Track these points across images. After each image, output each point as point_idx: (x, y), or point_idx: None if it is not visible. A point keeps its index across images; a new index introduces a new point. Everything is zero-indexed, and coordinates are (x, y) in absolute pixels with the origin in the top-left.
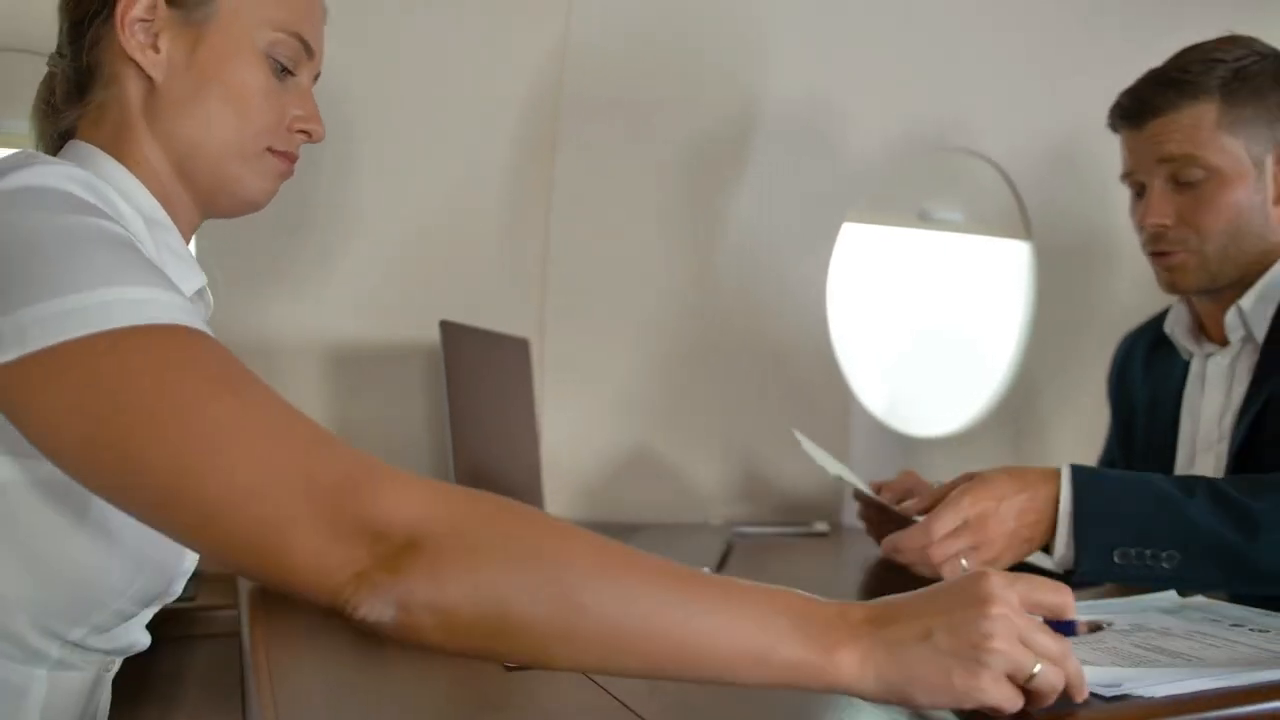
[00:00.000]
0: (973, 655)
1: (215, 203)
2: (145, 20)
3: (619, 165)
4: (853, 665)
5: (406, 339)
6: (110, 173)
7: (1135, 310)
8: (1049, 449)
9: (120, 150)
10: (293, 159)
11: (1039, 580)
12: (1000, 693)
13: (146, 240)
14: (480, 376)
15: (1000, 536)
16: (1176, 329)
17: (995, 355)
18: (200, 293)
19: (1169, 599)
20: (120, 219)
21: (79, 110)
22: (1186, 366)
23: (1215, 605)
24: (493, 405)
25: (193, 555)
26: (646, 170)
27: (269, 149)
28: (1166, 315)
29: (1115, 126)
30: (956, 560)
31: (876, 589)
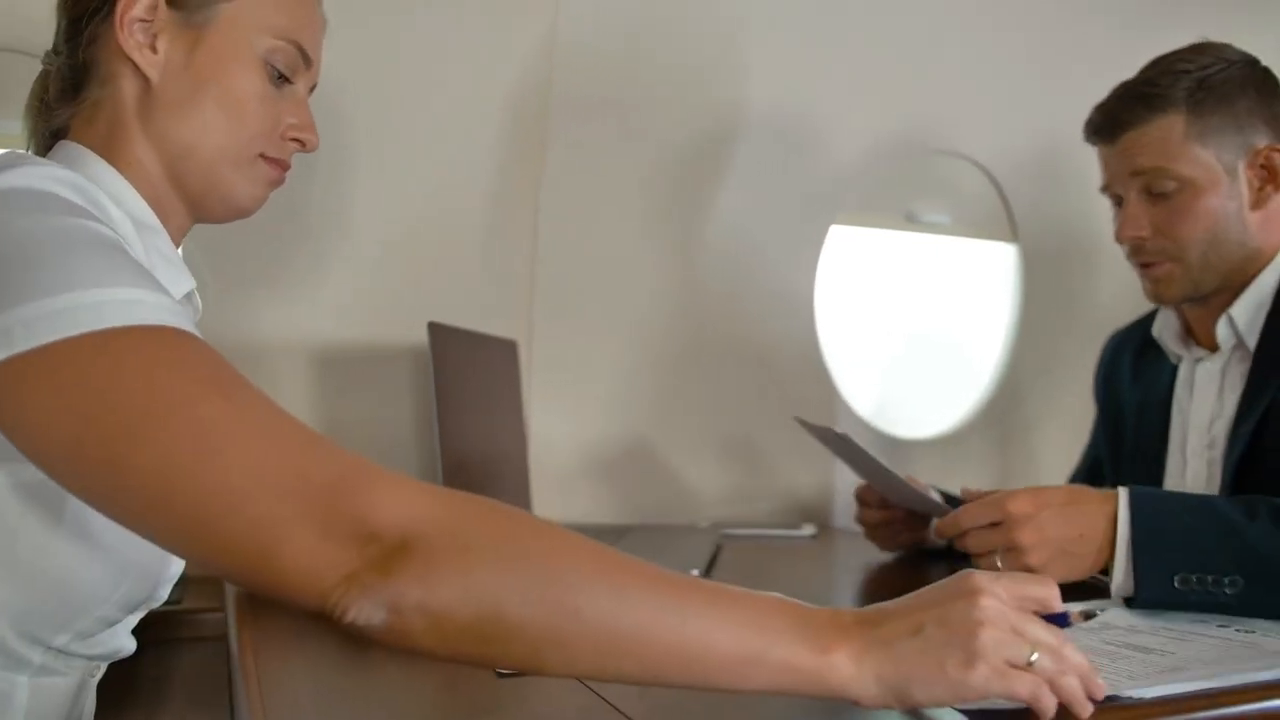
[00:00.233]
0: (965, 644)
1: (205, 207)
2: (145, 20)
3: (607, 166)
4: (848, 666)
5: (394, 341)
6: (99, 174)
7: (1120, 313)
8: (1035, 451)
9: (112, 151)
10: (285, 167)
11: (1022, 575)
12: (1007, 684)
13: (135, 243)
14: (468, 378)
15: (1037, 544)
16: (1165, 333)
17: (982, 357)
18: (189, 296)
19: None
20: (109, 221)
21: (72, 108)
22: (1175, 370)
23: None
24: (481, 407)
25: (179, 560)
26: (634, 171)
27: (261, 155)
28: (1154, 318)
29: (1090, 141)
30: (992, 557)
31: (866, 591)
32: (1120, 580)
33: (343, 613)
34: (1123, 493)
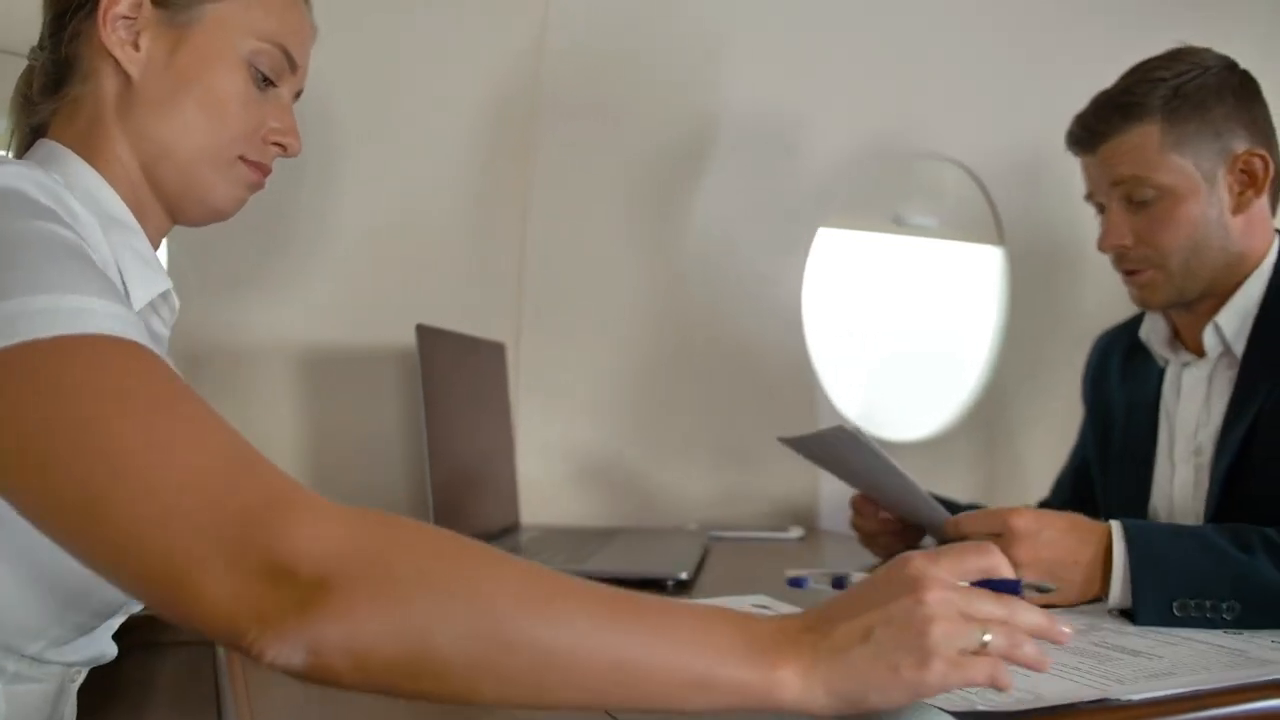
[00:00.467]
0: (916, 645)
1: (183, 208)
2: (129, 18)
3: (595, 169)
4: (796, 682)
5: (382, 343)
6: (75, 172)
7: (1107, 317)
8: (1021, 454)
9: (90, 148)
10: (265, 171)
11: (961, 547)
12: (964, 674)
13: (100, 244)
14: (456, 381)
15: (1032, 562)
16: (1152, 337)
17: (968, 360)
18: (164, 296)
19: None
20: (73, 222)
21: (54, 104)
22: (1163, 373)
23: None
24: (468, 409)
25: None
26: (622, 174)
27: (241, 158)
28: (1142, 320)
29: (1071, 151)
30: None
31: None
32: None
33: (259, 653)
34: (1116, 524)
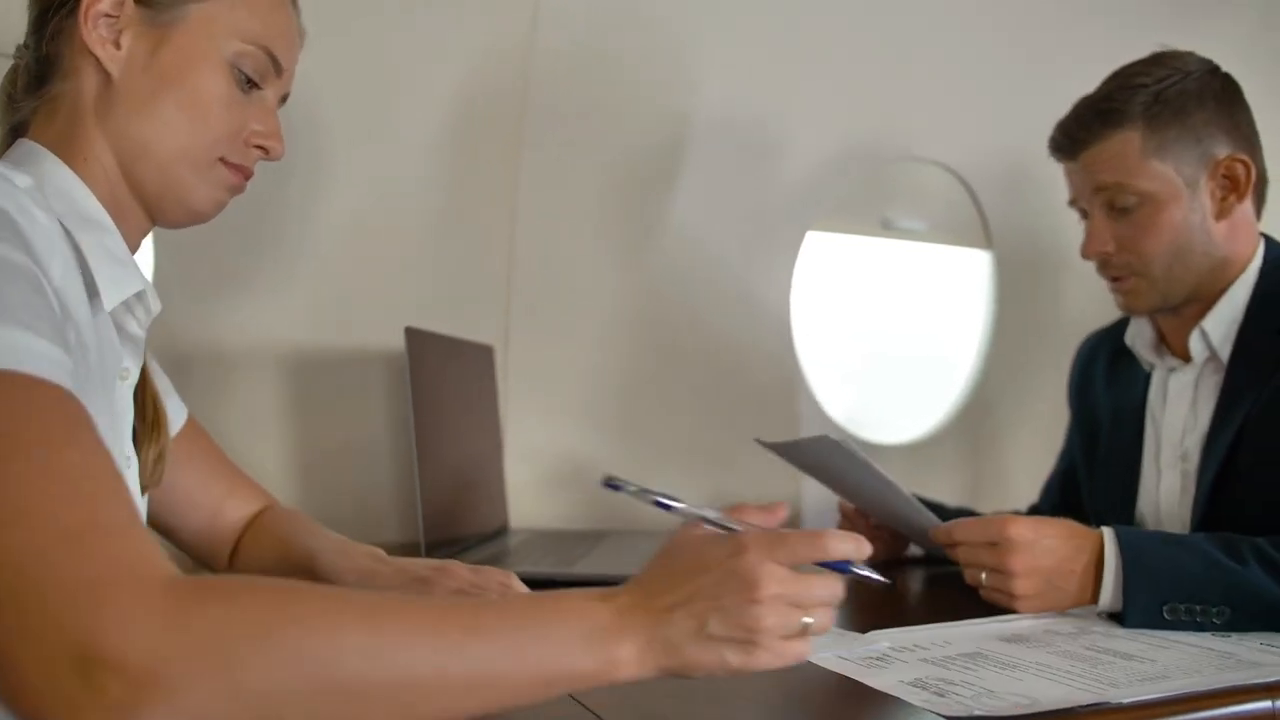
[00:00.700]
0: (747, 639)
1: (162, 209)
2: (111, 16)
3: (583, 172)
4: (633, 664)
5: (370, 345)
6: (49, 171)
7: (1094, 320)
8: (1007, 458)
9: (68, 147)
10: (246, 174)
11: (795, 536)
12: (782, 659)
13: (58, 251)
14: (445, 384)
15: (1028, 571)
16: (1138, 342)
17: (955, 364)
18: (140, 296)
19: None
20: (31, 227)
21: (35, 102)
22: (1148, 378)
23: None
24: (457, 412)
25: None
26: (611, 177)
27: (222, 160)
28: (1127, 324)
29: (1054, 157)
30: (978, 572)
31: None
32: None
33: None
34: (1108, 531)
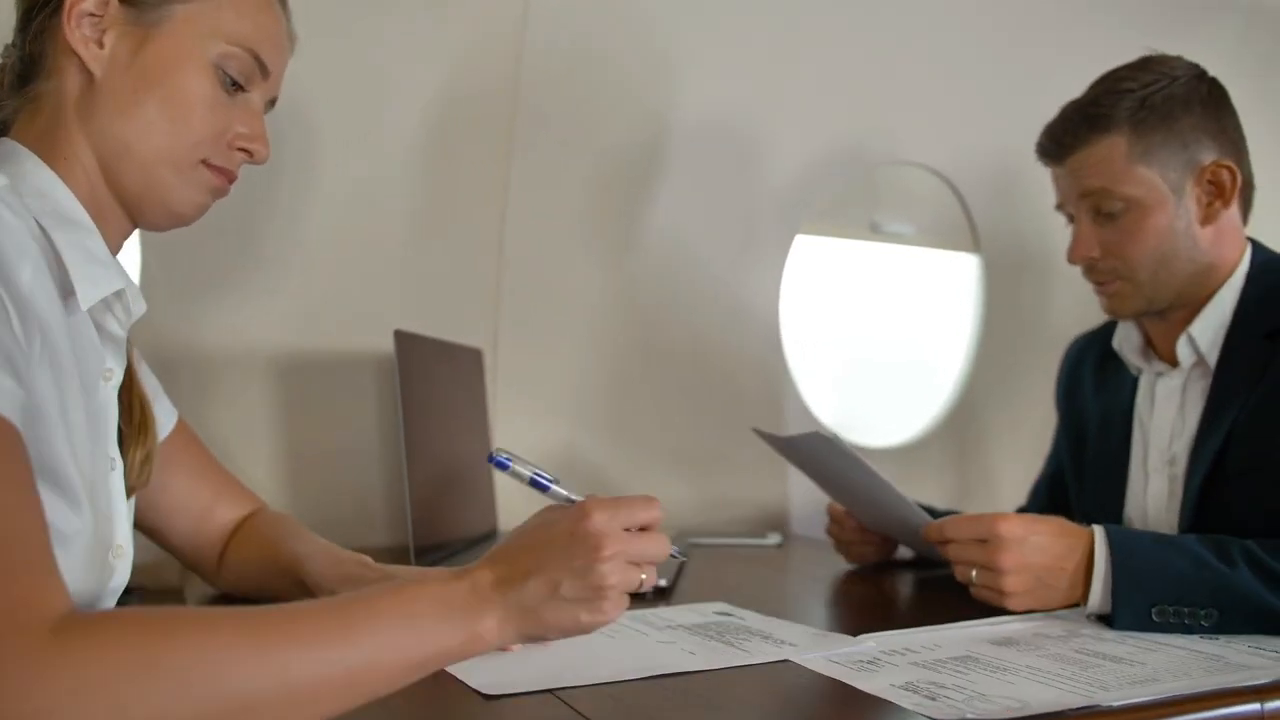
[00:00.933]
0: (596, 596)
1: (143, 211)
2: (95, 15)
3: (573, 175)
4: (494, 634)
5: (359, 348)
6: (29, 171)
7: (1081, 325)
8: (994, 461)
9: (49, 146)
10: (230, 177)
11: (633, 500)
12: (621, 610)
13: (27, 253)
14: (434, 387)
15: (1017, 568)
16: (1125, 346)
17: (943, 367)
18: (119, 295)
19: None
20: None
21: (18, 101)
22: (1135, 382)
23: None
24: (446, 415)
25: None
26: (600, 180)
27: (205, 162)
28: (1114, 327)
29: (1041, 162)
30: (968, 569)
31: (832, 598)
32: (1097, 605)
33: None
34: (1099, 529)
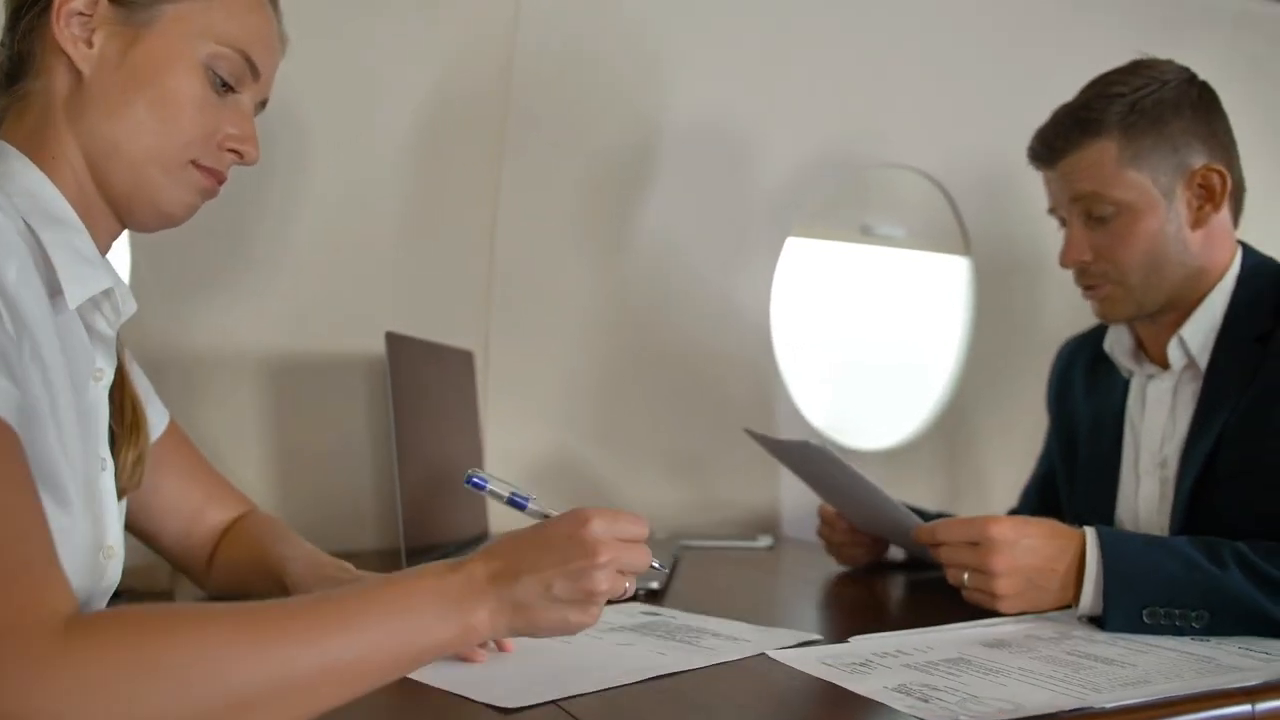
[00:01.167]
0: (586, 600)
1: (132, 211)
2: (84, 14)
3: (563, 177)
4: (487, 626)
5: (350, 350)
6: (16, 170)
7: (1070, 327)
8: (984, 463)
9: (38, 145)
10: (219, 178)
11: (626, 514)
12: (599, 615)
13: (14, 251)
14: (425, 389)
15: (1009, 571)
16: (1116, 349)
17: (934, 370)
18: (108, 294)
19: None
20: None
21: (7, 100)
22: (1127, 385)
23: None
24: (437, 417)
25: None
26: (591, 183)
27: (194, 163)
28: (1105, 330)
29: (1033, 165)
30: (960, 572)
31: (824, 600)
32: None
33: None
34: (1090, 531)
